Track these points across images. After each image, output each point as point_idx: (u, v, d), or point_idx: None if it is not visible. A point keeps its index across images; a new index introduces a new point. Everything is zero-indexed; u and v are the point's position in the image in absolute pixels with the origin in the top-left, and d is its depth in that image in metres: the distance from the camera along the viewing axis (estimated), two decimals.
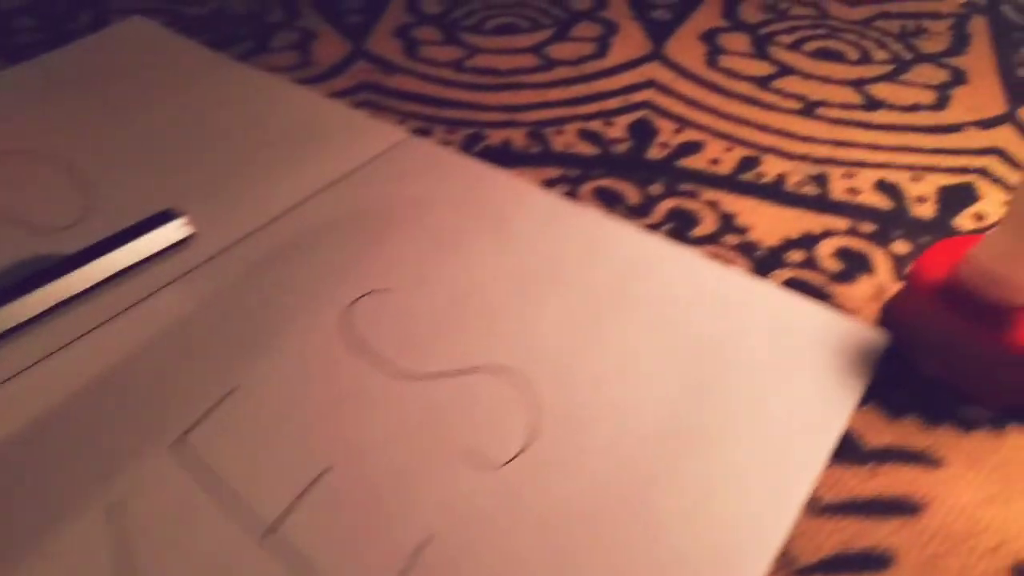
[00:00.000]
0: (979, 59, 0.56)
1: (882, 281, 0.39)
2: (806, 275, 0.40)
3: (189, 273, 0.37)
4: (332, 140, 0.47)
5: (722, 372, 0.34)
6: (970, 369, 0.34)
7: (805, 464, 0.30)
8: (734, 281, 0.38)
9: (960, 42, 0.58)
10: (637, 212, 0.44)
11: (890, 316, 0.37)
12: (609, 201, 0.44)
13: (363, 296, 0.37)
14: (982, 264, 0.33)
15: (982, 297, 0.33)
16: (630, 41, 0.60)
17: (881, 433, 0.32)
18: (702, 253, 0.41)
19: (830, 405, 0.33)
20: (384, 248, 0.40)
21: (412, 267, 0.39)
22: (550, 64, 0.57)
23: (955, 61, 0.56)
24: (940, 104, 0.52)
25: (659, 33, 0.60)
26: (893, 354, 0.35)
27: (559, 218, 0.42)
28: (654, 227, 0.43)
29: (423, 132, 0.50)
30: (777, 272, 0.40)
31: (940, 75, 0.55)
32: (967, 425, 0.32)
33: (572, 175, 0.46)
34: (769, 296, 0.38)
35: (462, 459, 0.30)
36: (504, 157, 0.48)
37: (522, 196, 0.43)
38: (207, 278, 0.37)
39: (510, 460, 0.30)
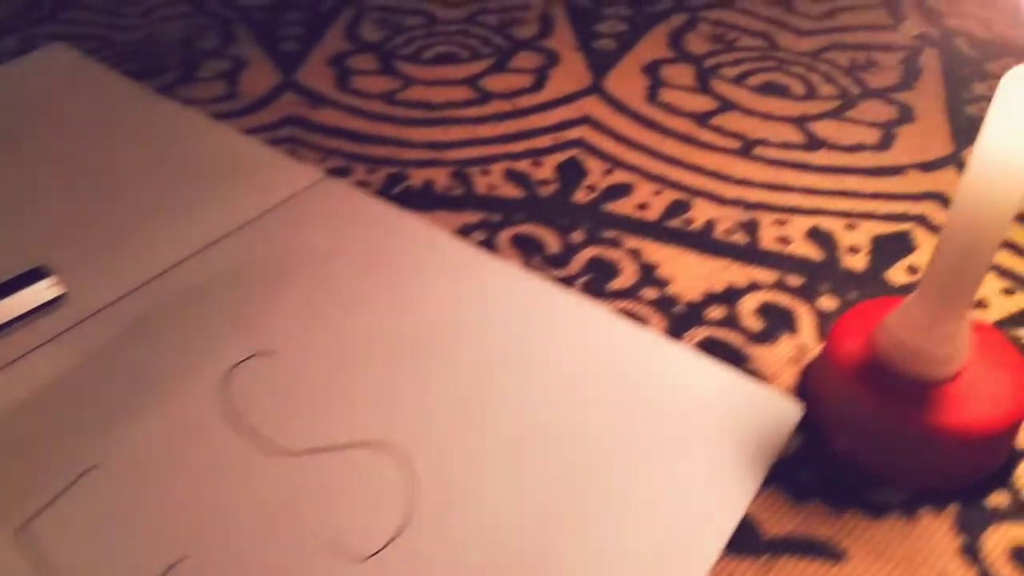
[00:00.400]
0: (928, 95, 0.54)
1: (804, 342, 0.37)
2: (724, 334, 0.38)
3: (59, 336, 0.35)
4: (241, 182, 0.45)
5: (620, 448, 0.32)
6: (883, 448, 0.31)
7: (697, 557, 0.28)
8: (644, 344, 0.36)
9: (910, 76, 0.56)
10: (555, 262, 0.41)
11: (805, 384, 0.35)
12: (527, 249, 0.42)
13: (246, 359, 0.35)
14: (897, 336, 0.31)
15: (898, 371, 0.31)
16: (570, 73, 0.57)
17: (782, 520, 0.30)
18: (616, 310, 0.38)
19: (731, 487, 0.30)
20: (276, 304, 0.37)
21: (303, 326, 0.36)
22: (484, 97, 0.55)
23: (903, 96, 0.54)
24: (884, 144, 0.50)
25: (601, 64, 0.58)
26: (806, 426, 0.33)
27: (467, 271, 0.40)
28: (570, 279, 0.40)
29: (342, 171, 0.48)
30: (694, 331, 0.38)
31: (887, 112, 0.53)
32: (876, 510, 0.30)
33: (493, 220, 0.44)
34: (679, 361, 0.35)
35: (325, 550, 0.28)
36: (423, 200, 0.46)
37: (432, 246, 0.41)
38: (79, 340, 0.35)
39: (377, 552, 0.28)
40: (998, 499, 0.31)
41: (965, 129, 0.51)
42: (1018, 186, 0.27)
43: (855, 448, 0.32)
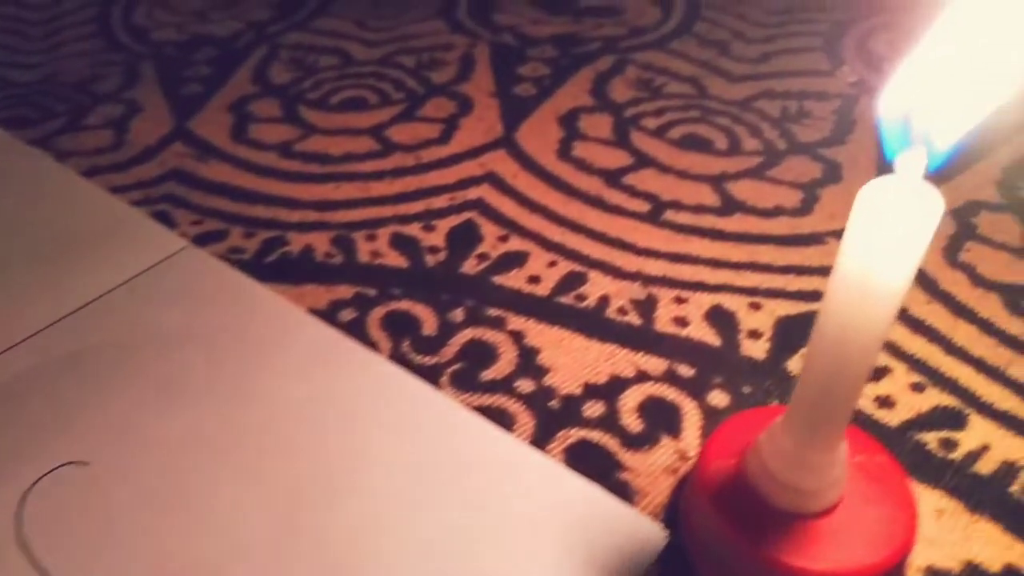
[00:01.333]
0: (859, 150, 0.51)
1: (685, 447, 0.34)
2: (599, 437, 0.34)
3: None
4: (94, 254, 0.41)
5: (461, 567, 0.28)
6: None
7: None
8: (503, 451, 0.33)
9: (842, 129, 0.53)
10: (427, 346, 0.38)
11: (677, 503, 0.31)
12: (399, 330, 0.39)
13: (52, 471, 0.31)
14: (766, 463, 0.27)
15: (768, 502, 0.27)
16: (482, 122, 0.54)
17: None
18: (484, 405, 0.35)
19: None
20: (102, 402, 0.34)
21: (126, 430, 0.33)
22: (387, 149, 0.51)
23: (832, 152, 0.51)
24: (805, 207, 0.46)
25: (516, 113, 0.55)
26: (673, 553, 0.30)
27: (322, 361, 0.36)
28: (440, 367, 0.37)
29: (217, 236, 0.44)
30: (566, 431, 0.34)
31: (811, 170, 0.49)
32: None
33: (368, 295, 0.41)
34: (537, 473, 0.32)
35: None
36: (297, 270, 0.42)
37: (289, 331, 0.37)
38: None
39: None
40: None
41: None
42: (883, 311, 0.23)
43: None
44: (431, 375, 0.36)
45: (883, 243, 0.22)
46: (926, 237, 0.22)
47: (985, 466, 0.33)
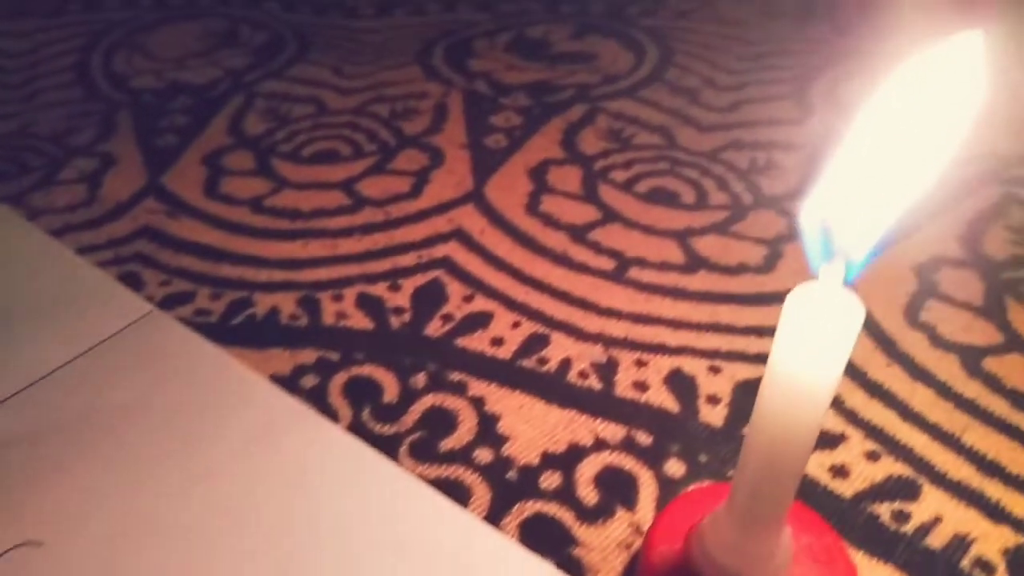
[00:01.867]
0: None
1: (640, 519, 0.34)
2: (554, 510, 0.34)
3: None
4: (56, 321, 0.41)
5: None
6: None
7: None
8: (457, 528, 0.33)
9: (808, 181, 0.53)
10: (388, 414, 0.38)
11: None
12: (361, 397, 0.39)
13: (5, 553, 0.31)
14: (708, 549, 0.28)
15: None
16: (452, 175, 0.54)
17: None
18: (442, 477, 0.35)
19: None
20: (58, 480, 0.34)
21: (83, 509, 0.33)
22: (357, 204, 0.52)
23: (798, 206, 0.51)
24: (769, 264, 0.47)
25: (487, 165, 0.55)
26: None
27: (282, 433, 0.36)
28: (400, 437, 0.37)
29: (183, 298, 0.44)
30: (522, 504, 0.34)
31: (776, 226, 0.50)
32: None
33: (331, 359, 0.41)
34: (492, 550, 0.32)
35: None
36: (263, 333, 0.42)
37: (249, 401, 0.38)
38: None
39: None
40: None
41: None
42: (810, 412, 0.24)
43: None
44: (390, 445, 0.37)
45: (807, 350, 0.22)
46: (847, 344, 0.22)
47: (936, 539, 0.33)
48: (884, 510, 0.34)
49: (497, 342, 0.42)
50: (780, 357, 0.23)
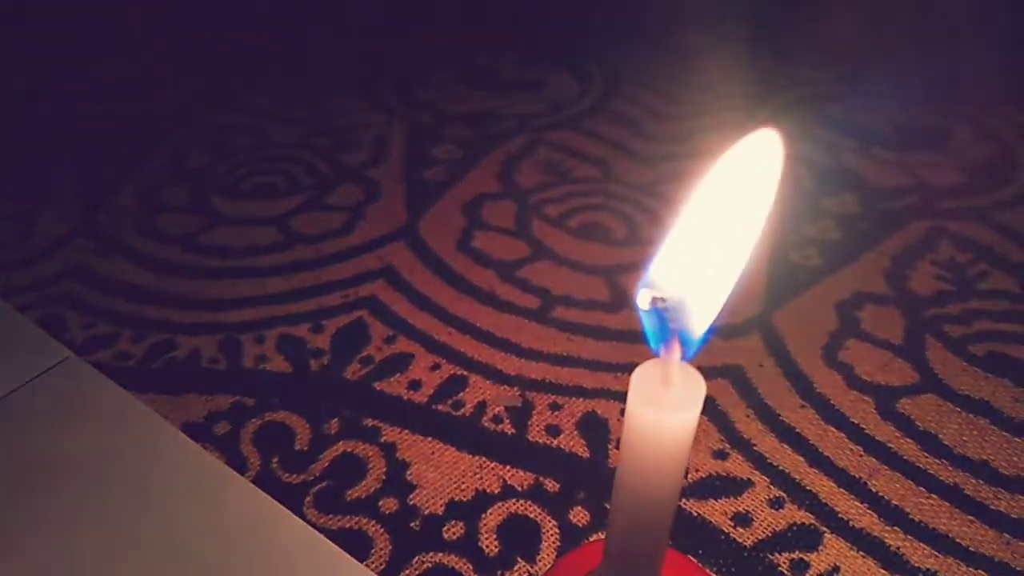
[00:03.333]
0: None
1: (539, 570, 0.34)
2: (455, 561, 0.34)
3: None
4: None
5: None
6: None
7: None
8: None
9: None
10: (296, 463, 0.38)
11: None
12: (271, 445, 0.39)
13: None
14: None
15: None
16: (387, 210, 0.54)
17: None
18: (345, 528, 0.35)
19: None
20: None
21: None
22: (288, 241, 0.52)
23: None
24: None
25: (422, 199, 0.55)
26: None
27: (187, 486, 0.36)
28: (306, 487, 0.37)
29: (105, 341, 0.44)
30: (423, 556, 0.34)
31: None
32: None
33: (246, 404, 0.41)
34: None
35: None
36: (181, 377, 0.42)
37: (157, 453, 0.38)
38: None
39: None
40: None
41: (781, 278, 0.48)
42: (667, 481, 0.24)
43: None
44: (296, 494, 0.36)
45: (652, 427, 0.22)
46: (691, 421, 0.22)
47: None
48: (783, 560, 0.34)
49: (415, 385, 0.42)
50: (629, 430, 0.23)
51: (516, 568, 0.34)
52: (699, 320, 0.21)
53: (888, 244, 0.51)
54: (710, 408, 0.40)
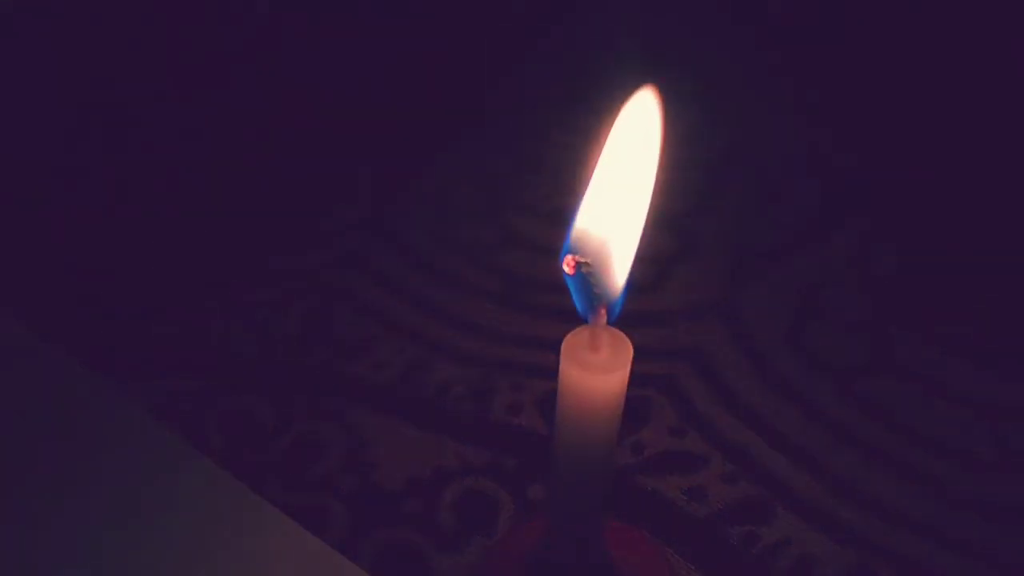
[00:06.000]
0: (717, 221, 0.52)
1: (495, 545, 0.34)
2: (413, 536, 0.35)
3: None
4: None
5: None
6: None
7: None
8: (307, 558, 0.33)
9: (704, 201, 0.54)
10: (260, 441, 0.38)
11: None
12: (232, 427, 0.39)
13: None
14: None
15: None
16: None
17: None
18: (303, 504, 0.35)
19: None
20: None
21: None
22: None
23: (690, 223, 0.51)
24: (656, 283, 0.47)
25: None
26: None
27: (143, 463, 0.37)
28: (266, 467, 0.37)
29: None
30: (378, 532, 0.35)
31: (666, 242, 0.50)
32: None
33: (210, 384, 0.41)
34: None
35: None
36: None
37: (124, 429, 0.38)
38: None
39: None
40: None
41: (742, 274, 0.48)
42: (599, 446, 0.24)
43: None
44: (257, 473, 0.37)
45: (585, 391, 0.23)
46: (620, 382, 0.23)
47: (783, 561, 0.33)
48: (735, 532, 0.34)
49: (380, 366, 0.42)
50: (563, 399, 0.24)
51: (473, 543, 0.34)
52: (616, 280, 0.22)
53: (853, 224, 0.51)
54: (670, 389, 0.41)
